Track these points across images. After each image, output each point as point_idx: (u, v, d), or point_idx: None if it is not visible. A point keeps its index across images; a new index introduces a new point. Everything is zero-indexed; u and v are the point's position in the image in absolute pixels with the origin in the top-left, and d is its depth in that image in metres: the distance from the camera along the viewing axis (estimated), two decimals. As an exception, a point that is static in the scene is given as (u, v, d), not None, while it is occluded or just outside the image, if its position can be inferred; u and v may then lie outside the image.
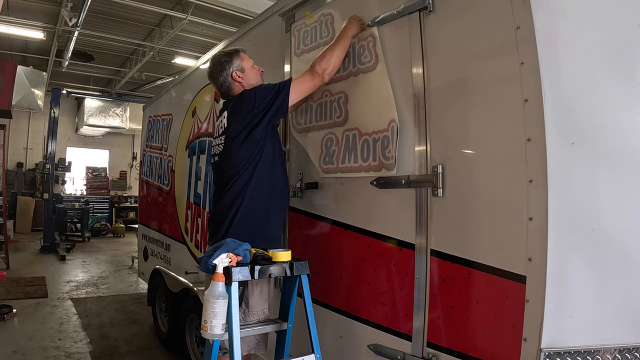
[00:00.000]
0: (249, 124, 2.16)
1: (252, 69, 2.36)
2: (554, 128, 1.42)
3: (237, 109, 2.24)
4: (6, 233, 8.18)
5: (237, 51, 2.37)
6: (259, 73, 2.40)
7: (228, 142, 2.23)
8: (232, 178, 2.19)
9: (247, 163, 2.17)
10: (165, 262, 4.62)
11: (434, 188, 1.75)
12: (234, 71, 2.31)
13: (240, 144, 2.18)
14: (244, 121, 2.17)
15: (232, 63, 2.32)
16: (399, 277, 1.90)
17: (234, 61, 2.32)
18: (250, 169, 2.17)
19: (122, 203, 15.46)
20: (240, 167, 2.18)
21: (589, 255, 1.46)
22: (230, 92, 2.36)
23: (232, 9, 7.96)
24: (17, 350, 4.03)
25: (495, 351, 1.52)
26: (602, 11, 1.58)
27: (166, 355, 4.10)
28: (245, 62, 2.35)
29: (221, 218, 2.21)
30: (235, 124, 2.21)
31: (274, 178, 2.25)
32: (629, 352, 1.45)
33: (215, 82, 2.37)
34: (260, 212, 2.20)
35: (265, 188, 2.21)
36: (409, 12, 1.90)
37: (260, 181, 2.19)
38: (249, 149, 2.17)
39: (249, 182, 2.17)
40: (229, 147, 2.22)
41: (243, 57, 2.36)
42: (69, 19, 8.16)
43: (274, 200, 2.25)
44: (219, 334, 1.80)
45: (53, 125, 10.69)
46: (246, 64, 2.35)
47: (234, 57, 2.33)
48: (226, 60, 2.32)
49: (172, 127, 4.71)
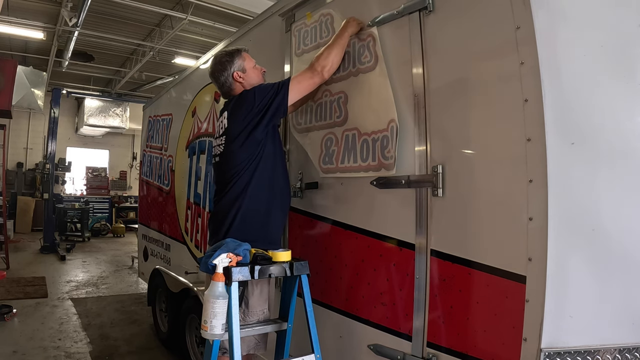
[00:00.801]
0: (248, 124, 2.15)
1: (253, 69, 2.35)
2: (554, 128, 1.42)
3: (237, 109, 2.23)
4: (6, 233, 8.18)
5: (239, 50, 2.35)
6: (261, 73, 2.39)
7: (228, 143, 2.22)
8: (232, 178, 2.18)
9: (248, 164, 2.16)
10: (165, 262, 4.62)
11: (434, 188, 1.75)
12: (235, 71, 2.30)
13: (241, 145, 2.17)
14: (244, 121, 2.16)
15: (234, 63, 2.30)
16: (399, 277, 1.90)
17: (236, 61, 2.31)
18: (250, 169, 2.16)
19: (122, 203, 15.46)
20: (240, 167, 2.17)
21: (589, 255, 1.46)
22: (231, 92, 2.35)
23: (232, 9, 7.96)
24: (17, 350, 4.03)
25: (495, 351, 1.52)
26: (602, 11, 1.58)
27: (166, 355, 4.10)
28: (247, 62, 2.34)
29: (222, 218, 2.21)
30: (236, 125, 2.20)
31: (275, 178, 2.24)
32: (629, 352, 1.45)
33: (216, 81, 2.36)
34: (260, 213, 2.19)
35: (266, 188, 2.20)
36: (409, 12, 1.89)
37: (261, 181, 2.18)
38: (249, 150, 2.16)
39: (250, 183, 2.16)
40: (230, 148, 2.21)
41: (245, 56, 2.35)
42: (69, 19, 8.16)
43: (275, 200, 2.24)
44: (218, 334, 1.80)
45: (53, 125, 10.69)
46: (248, 64, 2.33)
47: (236, 56, 2.32)
48: (227, 60, 2.31)
49: (172, 127, 4.71)
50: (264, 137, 2.18)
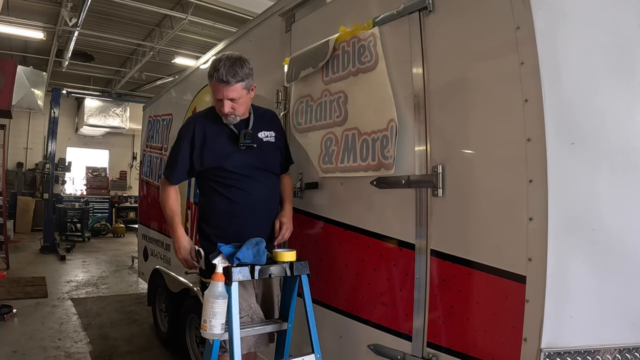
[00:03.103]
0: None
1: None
2: (554, 128, 1.42)
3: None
4: (6, 233, 8.17)
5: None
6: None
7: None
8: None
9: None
10: (165, 262, 4.62)
11: (434, 188, 1.75)
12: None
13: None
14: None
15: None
16: (399, 277, 1.90)
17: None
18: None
19: (122, 203, 15.45)
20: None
21: (589, 255, 1.45)
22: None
23: (232, 9, 7.96)
24: (17, 350, 4.03)
25: (495, 351, 1.52)
26: (602, 11, 1.58)
27: (166, 355, 4.10)
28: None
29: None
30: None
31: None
32: (629, 352, 1.45)
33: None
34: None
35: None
36: (409, 12, 1.89)
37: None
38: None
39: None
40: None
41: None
42: (69, 19, 8.16)
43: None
44: (218, 333, 1.81)
45: (53, 125, 10.69)
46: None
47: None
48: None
49: (172, 127, 4.71)
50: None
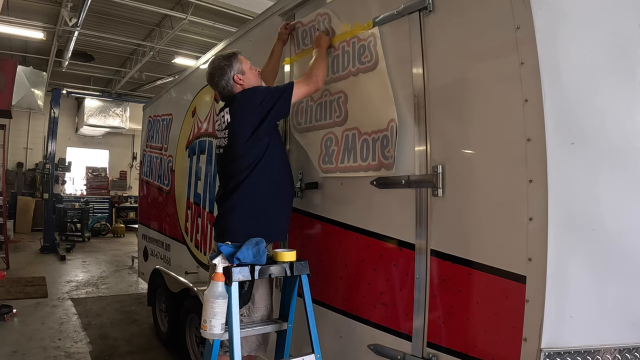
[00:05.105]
0: (253, 123, 2.18)
1: (250, 70, 2.36)
2: (554, 128, 1.42)
3: (241, 107, 2.25)
4: (6, 233, 8.16)
5: (235, 54, 2.36)
6: (257, 73, 2.41)
7: (232, 136, 2.24)
8: (238, 175, 2.21)
9: (253, 160, 2.19)
10: (165, 262, 4.62)
11: (434, 188, 1.75)
12: (235, 74, 2.30)
13: (245, 142, 2.19)
14: (248, 119, 2.19)
15: (233, 66, 2.31)
16: (399, 277, 1.90)
17: (234, 64, 2.31)
18: (259, 167, 2.19)
19: (122, 203, 15.44)
20: (245, 165, 2.19)
21: (589, 255, 1.46)
22: (231, 95, 2.35)
23: (232, 9, 7.96)
24: (17, 350, 4.03)
25: (495, 351, 1.52)
26: (602, 11, 1.58)
27: (166, 355, 4.10)
28: (244, 64, 2.35)
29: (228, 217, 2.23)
30: (240, 121, 2.22)
31: (279, 174, 2.27)
32: (629, 352, 1.45)
33: (216, 86, 2.36)
34: (266, 210, 2.21)
35: (271, 185, 2.22)
36: (409, 12, 1.90)
37: (265, 178, 2.20)
38: (254, 148, 2.19)
39: (257, 181, 2.19)
40: (234, 142, 2.23)
41: (241, 59, 2.36)
42: (69, 19, 8.15)
43: (277, 198, 2.25)
44: (218, 333, 1.81)
45: (53, 125, 10.68)
46: (245, 66, 2.34)
47: (234, 60, 2.32)
48: (227, 64, 2.31)
49: (172, 127, 4.71)
50: (267, 135, 2.21)
